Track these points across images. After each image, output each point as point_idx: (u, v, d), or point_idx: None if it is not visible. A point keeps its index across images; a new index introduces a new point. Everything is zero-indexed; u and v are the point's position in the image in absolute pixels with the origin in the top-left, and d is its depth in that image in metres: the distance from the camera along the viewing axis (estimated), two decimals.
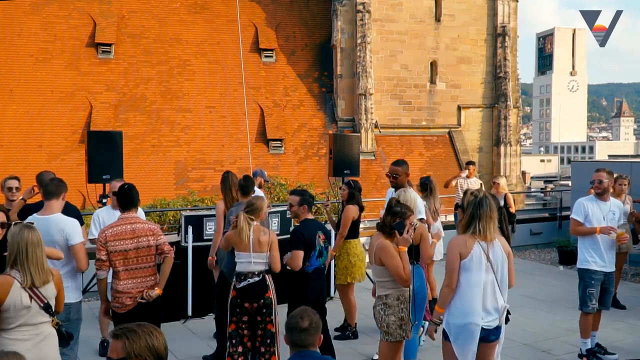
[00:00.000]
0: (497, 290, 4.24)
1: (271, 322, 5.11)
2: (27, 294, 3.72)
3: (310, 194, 5.68)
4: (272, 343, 5.10)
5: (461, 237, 4.28)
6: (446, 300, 4.28)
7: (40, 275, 3.76)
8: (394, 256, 4.55)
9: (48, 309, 3.79)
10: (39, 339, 3.77)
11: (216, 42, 26.45)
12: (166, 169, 23.88)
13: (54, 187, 5.04)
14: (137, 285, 4.87)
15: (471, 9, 27.32)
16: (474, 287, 4.20)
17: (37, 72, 23.96)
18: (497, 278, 4.24)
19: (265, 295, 5.08)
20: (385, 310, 4.64)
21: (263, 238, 5.09)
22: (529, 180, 45.93)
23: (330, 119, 26.74)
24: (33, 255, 3.74)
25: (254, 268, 5.09)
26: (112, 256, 4.83)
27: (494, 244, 4.25)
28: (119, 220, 4.99)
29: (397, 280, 4.56)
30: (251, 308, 5.09)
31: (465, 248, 4.20)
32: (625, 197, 8.42)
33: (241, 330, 5.14)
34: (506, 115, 27.31)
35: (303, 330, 3.25)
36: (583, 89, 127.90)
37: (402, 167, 6.21)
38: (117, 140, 8.84)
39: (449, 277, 4.26)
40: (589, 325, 6.26)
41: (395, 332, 4.63)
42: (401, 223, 4.61)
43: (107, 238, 4.84)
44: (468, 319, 4.19)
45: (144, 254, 4.90)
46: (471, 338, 4.19)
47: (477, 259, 4.19)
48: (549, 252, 12.71)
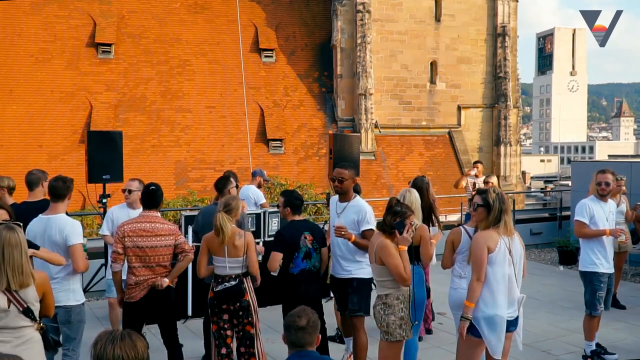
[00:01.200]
0: (514, 282, 4.47)
1: (249, 323, 5.08)
2: (6, 297, 3.61)
3: (299, 196, 5.65)
4: (252, 344, 5.09)
5: (487, 232, 4.44)
6: (476, 294, 4.40)
7: (18, 278, 3.62)
8: (394, 255, 4.57)
9: (28, 313, 3.68)
10: (19, 342, 3.66)
11: (216, 42, 26.46)
12: (166, 169, 23.89)
13: (60, 190, 5.01)
14: (151, 278, 4.93)
15: (471, 9, 27.33)
16: (500, 281, 4.39)
17: (37, 72, 23.98)
18: (515, 271, 4.47)
19: (242, 298, 5.04)
20: (385, 309, 4.65)
21: (238, 242, 5.01)
22: (529, 180, 45.98)
23: (330, 119, 26.74)
24: (10, 257, 3.61)
25: (230, 272, 5.04)
26: (128, 251, 4.86)
27: (514, 238, 4.49)
28: (140, 217, 5.02)
29: (397, 280, 4.57)
30: (228, 308, 5.07)
31: (492, 243, 4.38)
32: (621, 197, 8.45)
33: (223, 331, 5.12)
34: (506, 115, 27.32)
35: (300, 329, 3.25)
36: (583, 89, 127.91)
37: (349, 170, 5.60)
38: (117, 140, 8.83)
39: (478, 271, 4.39)
40: (594, 328, 6.25)
41: (395, 331, 4.64)
42: (401, 222, 4.62)
43: (126, 233, 4.87)
44: (495, 310, 4.37)
45: (161, 253, 4.92)
46: (501, 330, 4.39)
47: (503, 253, 4.39)
48: (549, 252, 12.71)
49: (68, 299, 4.92)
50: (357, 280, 5.47)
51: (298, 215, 5.53)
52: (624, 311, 8.18)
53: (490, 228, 4.44)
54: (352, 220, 5.44)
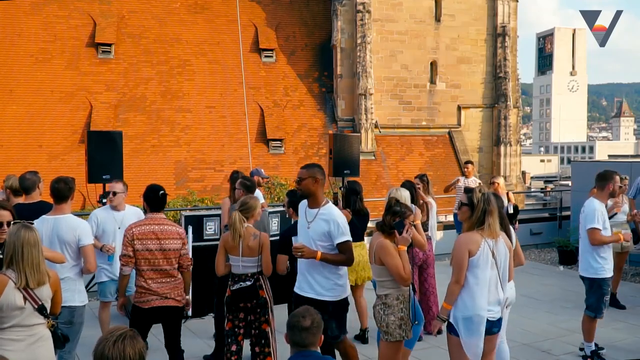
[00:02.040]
0: (499, 284, 4.42)
1: (266, 321, 5.10)
2: (22, 294, 3.67)
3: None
4: (267, 343, 5.09)
5: (469, 235, 4.39)
6: (454, 297, 4.39)
7: (35, 276, 3.71)
8: (394, 255, 4.56)
9: (42, 310, 3.75)
10: (33, 340, 3.73)
11: (216, 42, 26.45)
12: (166, 169, 23.87)
13: (63, 191, 5.01)
14: (162, 286, 4.88)
15: (471, 9, 27.32)
16: (481, 284, 4.34)
17: (37, 72, 23.96)
18: (500, 273, 4.41)
19: (258, 296, 5.08)
20: (385, 309, 4.64)
21: (252, 243, 5.04)
22: (529, 180, 45.96)
23: (330, 119, 26.74)
24: (29, 256, 3.69)
25: (244, 271, 5.08)
26: (137, 254, 4.83)
27: (499, 240, 4.42)
28: (147, 219, 4.99)
29: (397, 280, 4.57)
30: (245, 306, 5.11)
31: (474, 246, 4.33)
32: (623, 197, 8.45)
33: (237, 329, 5.15)
34: (506, 115, 27.30)
35: (304, 329, 3.25)
36: (583, 89, 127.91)
37: (309, 169, 4.89)
38: (117, 140, 8.84)
39: (458, 274, 4.37)
40: (594, 330, 6.25)
41: (394, 331, 4.63)
42: (401, 222, 4.62)
43: (135, 236, 4.84)
44: (474, 311, 4.33)
45: (170, 256, 4.89)
46: (478, 330, 4.33)
47: (485, 257, 4.34)
48: (549, 252, 12.71)
49: (73, 300, 4.93)
50: (332, 305, 4.78)
51: None
52: (624, 311, 8.18)
53: (475, 230, 4.38)
54: (323, 232, 4.71)
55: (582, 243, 6.30)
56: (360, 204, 6.76)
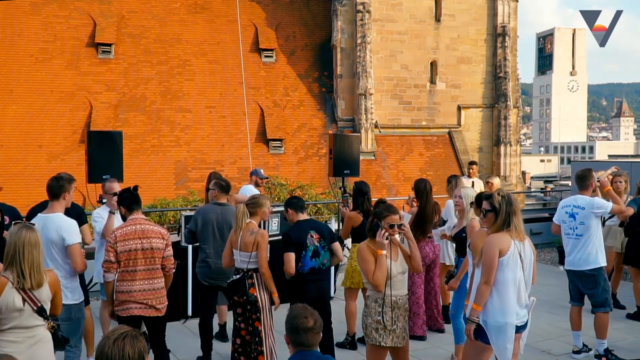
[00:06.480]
0: (523, 287, 4.43)
1: (258, 319, 5.12)
2: (21, 296, 3.65)
3: (296, 197, 5.78)
4: (260, 342, 5.11)
5: (499, 235, 4.35)
6: (484, 298, 4.33)
7: (35, 277, 3.69)
8: (366, 260, 4.43)
9: (42, 312, 3.73)
10: (33, 342, 3.71)
11: (216, 42, 26.45)
12: (166, 169, 23.88)
13: (53, 189, 5.03)
14: (144, 291, 4.82)
15: (471, 9, 27.32)
16: (510, 285, 4.33)
17: (37, 72, 23.97)
18: (525, 275, 4.41)
19: (248, 292, 5.13)
20: (365, 311, 4.58)
21: (248, 239, 5.12)
22: (529, 180, 45.99)
23: (330, 119, 26.74)
24: (30, 256, 3.67)
25: (241, 266, 5.22)
26: (120, 256, 4.79)
27: (526, 242, 4.41)
28: (129, 221, 4.98)
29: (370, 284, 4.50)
30: (238, 301, 5.22)
31: (504, 246, 4.30)
32: (627, 197, 8.38)
33: (238, 323, 5.28)
34: (506, 115, 27.30)
35: (309, 329, 3.24)
36: (583, 89, 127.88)
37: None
38: (117, 140, 8.83)
39: (487, 274, 4.32)
40: (607, 325, 6.20)
41: (371, 334, 4.48)
42: (376, 224, 4.42)
43: (117, 238, 4.81)
44: (505, 318, 4.32)
45: (154, 256, 4.87)
46: (510, 337, 4.33)
47: (514, 257, 4.32)
48: (549, 252, 12.70)
49: (66, 298, 4.90)
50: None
51: (302, 215, 5.57)
52: (624, 311, 8.18)
53: (503, 231, 4.35)
54: None
55: (584, 238, 6.28)
56: (368, 204, 6.71)
